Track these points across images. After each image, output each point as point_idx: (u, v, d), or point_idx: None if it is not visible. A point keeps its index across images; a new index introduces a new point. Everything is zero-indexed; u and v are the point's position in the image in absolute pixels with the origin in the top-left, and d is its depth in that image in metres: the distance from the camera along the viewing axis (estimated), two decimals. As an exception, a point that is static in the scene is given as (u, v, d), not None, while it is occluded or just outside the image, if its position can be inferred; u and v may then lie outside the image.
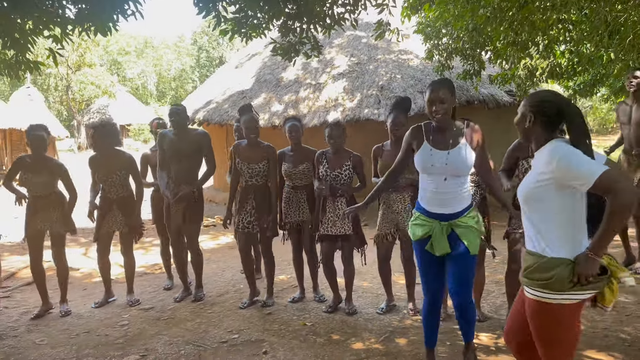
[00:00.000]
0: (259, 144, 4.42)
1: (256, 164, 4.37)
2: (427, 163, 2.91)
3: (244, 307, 4.46)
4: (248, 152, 4.40)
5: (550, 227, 2.11)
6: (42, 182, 4.39)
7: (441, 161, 2.86)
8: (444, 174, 2.87)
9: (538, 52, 6.76)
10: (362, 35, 10.54)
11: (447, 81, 2.93)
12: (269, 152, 4.39)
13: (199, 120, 10.73)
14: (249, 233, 4.47)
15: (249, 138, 4.36)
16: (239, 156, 4.43)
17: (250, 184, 4.44)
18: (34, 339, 3.99)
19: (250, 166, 4.38)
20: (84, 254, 7.13)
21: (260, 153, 4.38)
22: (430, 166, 2.90)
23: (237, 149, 4.46)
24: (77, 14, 3.95)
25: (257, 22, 4.50)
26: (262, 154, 4.38)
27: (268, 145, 4.44)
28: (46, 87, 34.50)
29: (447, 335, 3.73)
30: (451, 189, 2.88)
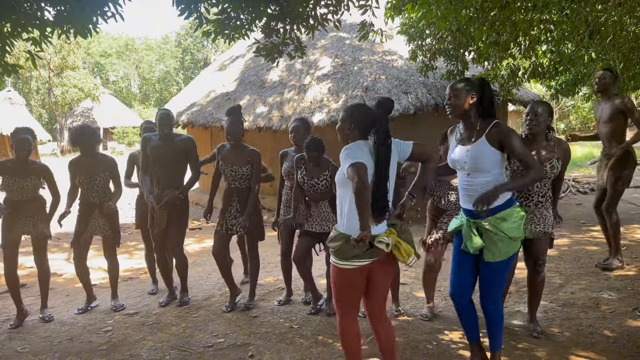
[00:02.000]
0: (244, 148, 4.39)
1: (239, 167, 4.34)
2: (453, 158, 3.02)
3: (228, 311, 4.43)
4: (232, 155, 4.37)
5: (343, 208, 2.68)
6: (28, 186, 4.31)
7: (462, 156, 2.93)
8: (465, 169, 2.93)
9: (520, 52, 6.81)
10: (345, 37, 10.55)
11: (467, 80, 2.98)
12: (252, 157, 4.35)
13: (182, 123, 10.66)
14: (225, 235, 4.45)
15: (231, 144, 4.34)
16: (222, 158, 4.40)
17: (233, 187, 4.42)
18: (15, 346, 3.91)
19: (233, 169, 4.35)
20: (67, 259, 7.02)
21: (244, 157, 4.35)
22: (455, 161, 3.00)
23: (221, 151, 4.43)
24: (56, 16, 3.89)
25: (240, 23, 4.47)
26: (246, 157, 4.35)
27: (253, 149, 4.41)
28: (27, 91, 34.08)
29: (433, 335, 3.73)
30: (477, 184, 2.89)
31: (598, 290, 4.52)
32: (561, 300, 4.33)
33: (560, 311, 4.09)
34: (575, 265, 5.34)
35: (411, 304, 4.45)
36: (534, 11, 5.44)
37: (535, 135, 3.47)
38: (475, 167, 2.88)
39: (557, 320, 3.91)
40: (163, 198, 4.44)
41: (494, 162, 2.87)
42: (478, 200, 2.75)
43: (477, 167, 2.88)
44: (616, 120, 4.85)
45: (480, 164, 2.87)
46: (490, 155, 2.86)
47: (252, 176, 4.38)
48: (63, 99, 30.52)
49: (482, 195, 2.75)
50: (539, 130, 3.45)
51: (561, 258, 5.64)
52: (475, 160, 2.87)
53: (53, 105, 31.25)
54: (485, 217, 2.81)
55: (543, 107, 3.44)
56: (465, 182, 2.96)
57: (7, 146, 4.61)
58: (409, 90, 8.88)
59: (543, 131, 3.47)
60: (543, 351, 3.38)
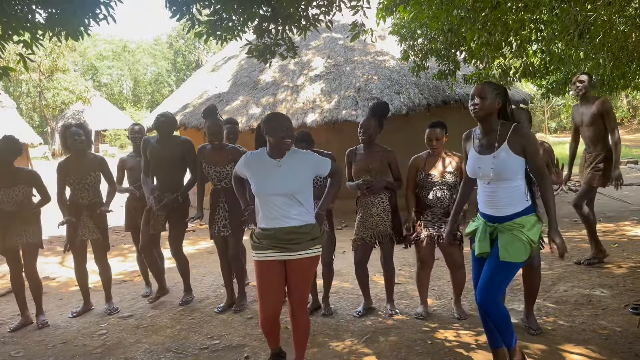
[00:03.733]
0: (224, 147, 4.38)
1: (222, 167, 4.35)
2: (474, 167, 2.91)
3: (220, 312, 4.43)
4: (213, 156, 4.37)
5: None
6: (17, 195, 4.27)
7: (485, 166, 2.84)
8: (488, 178, 2.85)
9: (511, 52, 6.86)
10: (338, 37, 10.57)
11: (495, 84, 2.93)
12: (234, 155, 4.32)
13: (175, 125, 10.62)
14: (224, 237, 4.45)
15: (213, 144, 4.33)
16: (205, 160, 4.40)
17: (219, 187, 4.43)
18: (9, 351, 3.89)
19: (216, 169, 4.36)
20: (60, 263, 6.99)
21: (225, 156, 4.34)
22: (476, 170, 2.90)
23: (202, 152, 4.43)
24: (47, 19, 3.88)
25: (232, 24, 4.47)
26: (227, 156, 4.34)
27: (233, 147, 4.41)
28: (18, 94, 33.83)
29: (428, 334, 3.75)
30: (498, 192, 2.84)
31: (590, 287, 4.55)
32: (554, 298, 4.36)
33: (554, 308, 4.12)
34: (567, 262, 5.38)
35: (406, 303, 4.47)
36: (525, 11, 5.48)
37: None
38: (500, 177, 2.81)
39: (550, 317, 3.94)
40: (163, 200, 4.46)
41: (518, 170, 2.82)
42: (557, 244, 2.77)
43: (501, 177, 2.81)
44: (597, 122, 4.96)
45: (504, 173, 2.80)
46: (513, 163, 2.79)
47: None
48: (54, 101, 30.31)
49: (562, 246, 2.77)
50: None
51: (554, 256, 5.68)
52: (500, 171, 2.80)
53: (44, 108, 31.04)
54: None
55: (523, 115, 3.56)
56: (487, 190, 2.89)
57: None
58: (401, 91, 8.91)
59: None
60: (537, 348, 3.40)
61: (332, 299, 4.58)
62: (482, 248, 2.88)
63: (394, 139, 8.12)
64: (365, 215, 4.10)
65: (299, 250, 3.01)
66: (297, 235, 3.00)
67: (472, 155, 2.95)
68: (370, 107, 4.13)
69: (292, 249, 3.00)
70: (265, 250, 3.04)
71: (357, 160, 4.09)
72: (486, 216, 2.94)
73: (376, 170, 4.03)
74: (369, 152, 4.06)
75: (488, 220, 2.92)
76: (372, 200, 4.07)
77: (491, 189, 2.87)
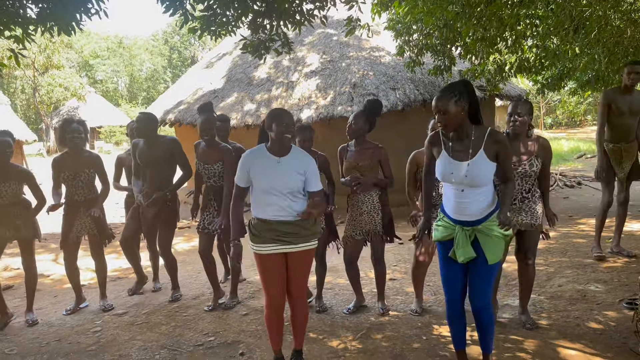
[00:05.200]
0: (216, 145, 4.37)
1: (211, 165, 4.34)
2: (446, 173, 2.83)
3: (210, 309, 4.43)
4: (205, 153, 4.37)
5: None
6: (9, 190, 4.25)
7: (460, 172, 2.77)
8: (462, 184, 2.79)
9: (506, 47, 6.85)
10: (333, 33, 10.54)
11: (452, 87, 2.71)
12: (224, 154, 4.31)
13: (170, 121, 10.59)
14: (209, 234, 4.44)
15: (204, 140, 4.31)
16: (197, 156, 4.42)
17: (209, 185, 4.44)
18: (2, 348, 3.87)
19: (205, 167, 4.36)
20: (54, 260, 6.96)
21: (215, 154, 4.33)
22: (449, 175, 2.82)
23: (197, 149, 4.44)
24: (38, 14, 3.84)
25: (226, 19, 4.44)
26: (217, 155, 4.33)
27: (224, 146, 4.39)
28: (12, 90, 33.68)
29: (423, 329, 3.75)
30: (471, 198, 2.79)
31: (585, 282, 4.56)
32: (549, 293, 4.37)
33: (548, 303, 4.12)
34: (562, 258, 5.39)
35: (401, 299, 4.47)
36: (520, 6, 5.48)
37: (518, 135, 3.51)
38: (474, 184, 2.77)
39: (545, 312, 3.94)
40: (151, 197, 4.45)
41: (491, 175, 2.80)
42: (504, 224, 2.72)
43: (475, 183, 2.77)
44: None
45: (479, 180, 2.76)
46: (488, 169, 2.77)
47: (224, 174, 4.31)
48: (48, 98, 30.19)
49: (504, 221, 2.71)
50: (522, 131, 3.50)
51: (549, 251, 5.69)
52: (474, 177, 2.75)
53: (39, 105, 30.91)
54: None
55: (524, 107, 3.49)
56: (458, 195, 2.83)
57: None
58: (397, 86, 8.91)
59: (525, 130, 3.52)
60: (531, 343, 3.41)
61: (327, 295, 4.58)
62: (467, 253, 2.82)
63: (390, 135, 8.13)
64: (355, 213, 4.09)
65: (299, 243, 3.08)
66: (298, 229, 3.07)
67: (444, 160, 2.84)
68: (364, 105, 4.10)
69: (293, 241, 3.07)
70: (266, 244, 3.07)
71: (348, 157, 4.07)
72: (460, 222, 2.86)
73: (365, 168, 4.01)
74: (359, 149, 4.04)
75: (464, 225, 2.84)
76: (362, 198, 4.05)
77: (464, 195, 2.80)
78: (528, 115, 3.48)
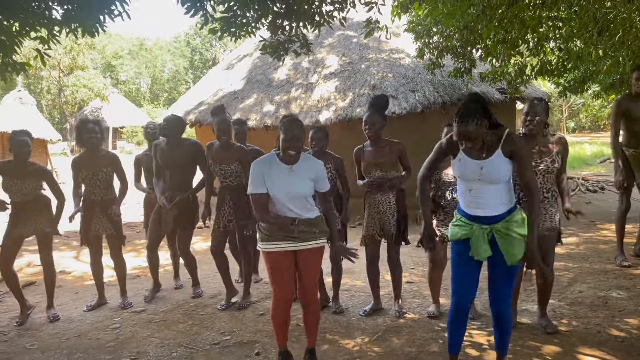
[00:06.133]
0: (231, 146, 4.40)
1: (227, 165, 4.37)
2: (462, 171, 2.86)
3: (223, 308, 4.46)
4: (220, 154, 4.40)
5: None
6: (29, 187, 4.34)
7: (475, 171, 2.79)
8: (479, 181, 2.81)
9: (528, 50, 6.77)
10: (353, 35, 10.53)
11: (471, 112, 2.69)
12: (240, 154, 4.36)
13: (190, 122, 10.69)
14: (222, 233, 4.49)
15: (221, 140, 4.34)
16: (212, 157, 4.44)
17: (225, 185, 4.47)
18: (24, 343, 3.95)
19: (222, 167, 4.39)
20: (75, 257, 7.08)
21: (231, 154, 4.36)
22: (465, 174, 2.85)
23: (210, 150, 4.47)
24: (63, 15, 3.92)
25: (246, 21, 4.48)
26: (233, 155, 4.36)
27: (240, 146, 4.44)
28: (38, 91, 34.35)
29: (439, 333, 3.72)
30: (487, 194, 2.81)
31: (607, 289, 4.48)
32: (569, 299, 4.30)
33: (569, 310, 4.06)
34: (583, 263, 5.30)
35: (418, 302, 4.44)
36: (543, 8, 5.40)
37: (535, 135, 3.48)
38: (491, 180, 2.78)
39: (565, 318, 3.88)
40: (174, 199, 4.52)
41: (508, 173, 2.79)
42: (533, 264, 2.77)
43: (492, 180, 2.78)
44: None
45: (495, 176, 2.77)
46: (505, 167, 2.77)
47: (243, 174, 4.36)
48: (73, 98, 30.71)
49: (532, 259, 2.77)
50: (538, 131, 3.46)
51: (570, 256, 5.60)
52: (491, 174, 2.76)
53: (63, 105, 31.47)
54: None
55: (540, 107, 3.46)
56: (475, 192, 2.84)
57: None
58: (417, 89, 8.85)
59: (541, 131, 3.48)
60: (550, 349, 3.36)
61: (343, 297, 4.58)
62: (485, 252, 2.82)
63: (409, 137, 8.08)
64: (373, 212, 4.09)
65: (309, 240, 3.15)
66: (308, 227, 3.14)
67: (463, 159, 2.85)
68: (370, 102, 4.08)
69: (302, 238, 3.13)
70: (275, 242, 3.14)
71: (366, 157, 4.06)
72: (476, 218, 2.85)
73: (386, 164, 4.01)
74: (376, 147, 4.03)
75: (481, 223, 2.83)
76: (380, 199, 4.05)
77: (482, 191, 2.81)
78: (544, 114, 3.45)
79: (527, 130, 3.46)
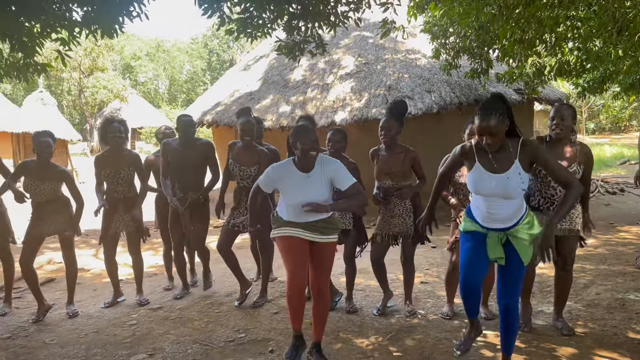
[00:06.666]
0: (254, 148, 4.45)
1: (247, 167, 4.42)
2: (477, 184, 2.83)
3: (239, 305, 4.50)
4: (241, 155, 4.45)
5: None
6: (48, 189, 4.42)
7: (492, 184, 2.77)
8: (494, 196, 2.79)
9: (546, 50, 6.71)
10: (369, 36, 10.54)
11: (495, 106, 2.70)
12: (261, 157, 4.40)
13: (207, 122, 10.80)
14: (232, 231, 4.52)
15: (244, 140, 4.40)
16: (232, 157, 4.49)
17: (242, 186, 4.50)
18: (44, 338, 4.03)
19: (241, 168, 4.44)
20: (94, 255, 7.19)
21: (253, 157, 4.41)
22: (481, 188, 2.82)
23: (232, 149, 4.53)
24: (83, 17, 4.00)
25: (262, 21, 4.52)
26: (254, 157, 4.41)
27: (262, 149, 4.47)
28: (59, 92, 34.90)
29: (453, 333, 3.71)
30: (503, 209, 2.81)
31: (624, 291, 4.42)
32: (586, 301, 4.25)
33: (585, 311, 4.02)
34: (601, 265, 5.24)
35: (432, 303, 4.43)
36: (560, 8, 5.35)
37: (560, 140, 3.43)
38: (507, 195, 2.76)
39: (581, 320, 3.84)
40: (186, 200, 4.57)
41: (524, 187, 2.77)
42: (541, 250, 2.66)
43: (508, 195, 2.76)
44: None
45: (512, 191, 2.74)
46: (522, 181, 2.74)
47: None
48: (93, 99, 31.18)
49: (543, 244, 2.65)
50: (565, 135, 3.42)
51: (587, 258, 5.54)
52: (508, 189, 2.74)
53: (84, 106, 31.96)
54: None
55: (568, 111, 3.41)
56: (488, 206, 2.84)
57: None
58: (433, 89, 8.83)
59: (568, 135, 3.43)
60: (566, 351, 3.33)
61: (358, 296, 4.59)
62: (498, 255, 2.84)
63: (425, 138, 8.07)
64: (387, 215, 4.08)
65: (325, 234, 3.24)
66: (324, 224, 3.27)
67: (478, 172, 2.83)
68: (388, 107, 4.06)
69: (320, 231, 3.24)
70: (289, 227, 3.26)
71: (379, 161, 4.05)
72: (490, 229, 2.87)
73: (398, 174, 3.98)
74: (390, 154, 4.00)
75: (499, 231, 2.84)
76: (395, 201, 4.04)
77: (495, 206, 2.81)
78: (571, 119, 3.40)
79: (553, 134, 3.43)
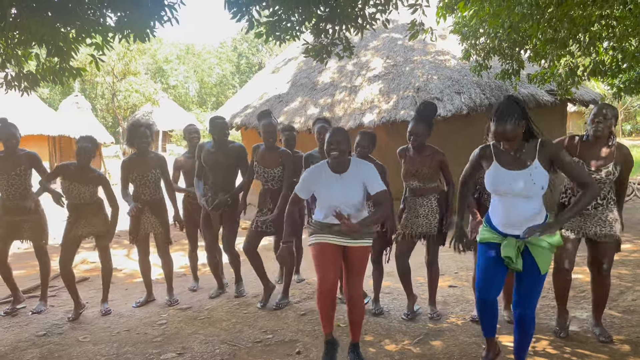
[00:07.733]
0: (276, 149, 4.49)
1: (271, 169, 4.47)
2: (496, 183, 2.83)
3: (262, 306, 4.54)
4: (265, 157, 4.51)
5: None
6: (86, 192, 4.55)
7: (511, 182, 2.77)
8: (513, 195, 2.78)
9: (579, 49, 6.55)
10: (397, 37, 10.48)
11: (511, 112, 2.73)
12: (284, 158, 4.46)
13: (237, 125, 10.90)
14: (257, 232, 4.56)
15: (267, 142, 4.45)
16: (257, 159, 4.55)
17: (266, 188, 4.57)
18: (77, 336, 4.13)
19: (265, 170, 4.49)
20: (127, 255, 7.34)
21: (276, 158, 4.47)
22: (499, 187, 2.82)
23: (256, 151, 4.58)
24: (117, 22, 4.10)
25: (290, 24, 4.54)
26: (277, 159, 4.47)
27: (284, 150, 4.51)
28: (94, 96, 35.76)
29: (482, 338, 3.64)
30: (522, 210, 2.79)
31: (662, 297, 4.29)
32: (621, 307, 4.14)
33: (620, 318, 3.91)
34: (637, 271, 5.08)
35: (461, 307, 4.37)
36: (594, 6, 5.23)
37: (599, 138, 3.36)
38: (526, 193, 2.74)
39: (615, 327, 3.74)
40: (214, 201, 4.63)
41: (544, 185, 2.74)
42: (533, 230, 2.70)
43: (527, 193, 2.74)
44: None
45: (531, 189, 2.73)
46: (542, 179, 2.73)
47: (284, 177, 4.47)
48: (126, 103, 31.82)
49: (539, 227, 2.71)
50: (604, 134, 3.35)
51: (623, 264, 5.38)
52: (527, 186, 2.72)
53: (116, 110, 32.66)
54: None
55: (611, 111, 3.35)
56: (507, 207, 2.82)
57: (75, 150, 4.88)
58: (462, 91, 8.72)
59: (607, 135, 3.36)
60: (600, 358, 3.24)
61: (385, 299, 4.57)
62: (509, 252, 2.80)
63: (454, 140, 7.97)
64: (411, 215, 4.05)
65: (358, 239, 3.27)
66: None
67: (496, 170, 2.84)
68: (417, 110, 4.01)
69: (353, 237, 3.25)
70: (324, 234, 3.30)
71: (407, 161, 4.03)
72: (509, 235, 2.84)
73: (425, 175, 3.95)
74: (417, 155, 3.98)
75: (518, 238, 2.80)
76: (420, 201, 4.01)
77: (513, 206, 2.79)
78: (612, 119, 3.34)
79: (594, 131, 3.37)
